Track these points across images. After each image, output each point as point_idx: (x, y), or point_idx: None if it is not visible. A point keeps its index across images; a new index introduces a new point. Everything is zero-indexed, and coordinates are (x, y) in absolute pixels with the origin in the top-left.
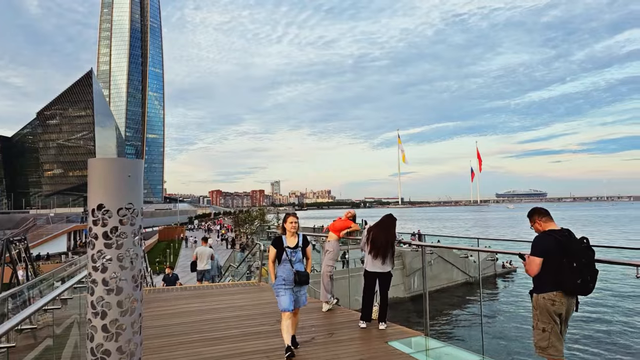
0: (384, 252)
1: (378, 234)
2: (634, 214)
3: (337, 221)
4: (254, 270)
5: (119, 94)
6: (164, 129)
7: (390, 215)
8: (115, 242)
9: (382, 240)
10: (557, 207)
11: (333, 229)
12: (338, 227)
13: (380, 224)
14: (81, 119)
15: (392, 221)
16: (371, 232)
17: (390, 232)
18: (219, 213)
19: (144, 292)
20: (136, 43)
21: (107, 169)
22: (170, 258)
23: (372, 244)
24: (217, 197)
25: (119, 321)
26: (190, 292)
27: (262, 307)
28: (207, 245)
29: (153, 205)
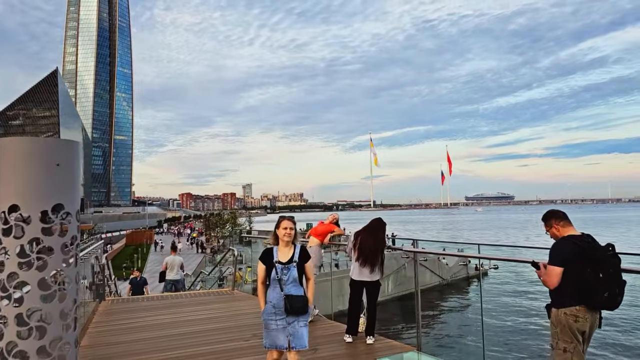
0: (373, 260)
1: (366, 240)
2: (615, 215)
3: (320, 225)
4: (227, 277)
5: (86, 94)
6: (132, 131)
7: (379, 220)
8: (36, 261)
9: (371, 246)
10: (525, 210)
11: (315, 234)
12: (320, 231)
13: (369, 229)
14: (46, 120)
15: (382, 225)
16: (359, 237)
17: (380, 237)
18: (189, 216)
19: (107, 302)
20: (104, 42)
21: (23, 154)
22: (138, 263)
23: (359, 250)
24: (187, 200)
25: None
26: (159, 302)
27: (237, 319)
28: (176, 254)
29: (121, 209)
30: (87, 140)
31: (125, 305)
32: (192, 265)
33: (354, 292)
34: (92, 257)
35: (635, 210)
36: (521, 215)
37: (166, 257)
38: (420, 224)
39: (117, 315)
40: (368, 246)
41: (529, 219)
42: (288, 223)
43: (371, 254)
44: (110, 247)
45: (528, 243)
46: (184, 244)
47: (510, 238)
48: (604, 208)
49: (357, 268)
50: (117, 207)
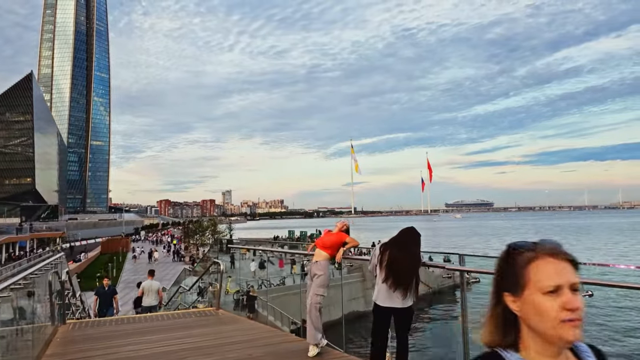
0: (406, 281)
1: (398, 256)
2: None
3: (327, 235)
4: (207, 289)
5: (62, 98)
6: (109, 136)
7: (412, 230)
8: None
9: (405, 264)
10: (504, 216)
11: (322, 245)
12: (330, 242)
13: (400, 241)
14: (19, 125)
15: (416, 237)
16: (387, 251)
17: (414, 252)
18: (168, 223)
19: (68, 327)
20: (81, 46)
21: None
22: (112, 272)
23: (389, 269)
24: (165, 207)
25: None
26: (130, 325)
27: (225, 349)
28: (153, 279)
29: (97, 216)
30: (62, 145)
31: (88, 331)
32: (170, 275)
33: (380, 322)
34: (49, 273)
35: (611, 217)
36: (500, 222)
37: (143, 281)
38: None
39: (76, 345)
40: (400, 264)
41: (508, 226)
42: None
43: (404, 274)
44: (85, 255)
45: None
46: (160, 252)
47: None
48: (578, 215)
49: (384, 291)
50: (92, 214)
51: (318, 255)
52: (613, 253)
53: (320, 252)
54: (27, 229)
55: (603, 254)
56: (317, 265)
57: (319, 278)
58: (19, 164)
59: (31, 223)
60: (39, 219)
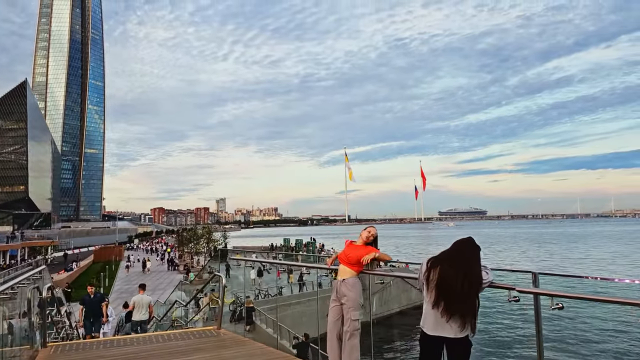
0: (462, 306)
1: (451, 273)
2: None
3: (351, 248)
4: (209, 310)
5: (56, 106)
6: (103, 144)
7: (470, 242)
8: None
9: (459, 283)
10: (498, 224)
11: (347, 261)
12: (356, 258)
13: (453, 256)
14: (13, 132)
15: (474, 251)
16: (437, 268)
17: (473, 270)
18: (162, 231)
19: (49, 350)
20: (76, 54)
21: None
22: (105, 281)
23: (438, 289)
24: (159, 215)
25: None
26: (121, 349)
27: None
28: (144, 293)
29: (90, 224)
30: (56, 153)
31: (72, 357)
32: (164, 284)
33: (428, 354)
34: (28, 289)
35: (604, 225)
36: (497, 230)
37: (134, 296)
38: (406, 239)
39: None
40: (454, 283)
41: (507, 234)
42: None
43: (460, 298)
44: (77, 264)
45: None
46: (155, 260)
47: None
48: (570, 223)
49: (432, 317)
50: (86, 222)
51: (343, 272)
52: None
53: (345, 269)
54: (19, 238)
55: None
56: (346, 285)
57: (350, 299)
58: (13, 172)
59: (22, 231)
60: (31, 227)
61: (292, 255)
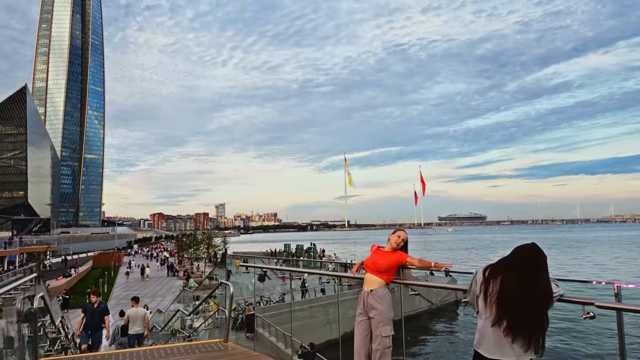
0: (529, 324)
1: (514, 284)
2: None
3: (379, 254)
4: (212, 320)
5: (56, 112)
6: (103, 150)
7: (535, 247)
8: None
9: (527, 296)
10: (498, 230)
11: (374, 268)
12: (386, 265)
13: (517, 263)
14: (13, 138)
15: (541, 259)
16: (497, 278)
17: (541, 279)
18: (161, 237)
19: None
20: (76, 60)
21: None
22: (104, 287)
23: (500, 305)
24: (159, 221)
25: None
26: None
27: None
28: (139, 306)
29: (89, 229)
30: (56, 158)
31: None
32: (163, 290)
33: None
34: (18, 300)
35: (613, 230)
36: (499, 235)
37: (128, 309)
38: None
39: None
40: (520, 298)
41: (502, 239)
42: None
43: (528, 314)
44: (75, 270)
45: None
46: (154, 266)
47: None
48: (570, 228)
49: (492, 337)
50: (85, 228)
51: (371, 281)
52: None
53: (373, 279)
54: (17, 243)
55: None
56: (374, 296)
57: (379, 313)
58: (12, 177)
59: (21, 237)
60: (30, 232)
61: (293, 261)
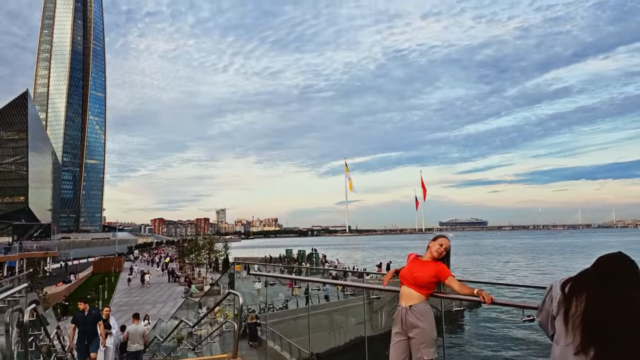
0: (624, 353)
1: (604, 302)
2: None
3: (418, 264)
4: (220, 332)
5: (57, 117)
6: (104, 155)
7: (622, 257)
8: None
9: (619, 317)
10: (500, 235)
11: (412, 281)
12: (425, 279)
13: (605, 277)
14: (14, 143)
15: (633, 271)
16: (582, 295)
17: (634, 297)
18: (162, 242)
19: None
20: (77, 65)
21: None
22: (104, 294)
23: (587, 326)
24: (159, 226)
25: None
26: None
27: None
28: (139, 322)
29: (90, 235)
30: (57, 164)
31: None
32: (164, 296)
33: None
34: (6, 313)
35: (610, 235)
36: (498, 241)
37: (128, 325)
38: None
39: None
40: (613, 319)
41: (504, 245)
42: None
43: (621, 339)
44: (75, 276)
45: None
46: (155, 272)
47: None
48: (571, 233)
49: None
50: (86, 233)
51: (409, 296)
52: None
53: (411, 293)
54: (17, 249)
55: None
56: (414, 313)
57: (421, 333)
58: (13, 183)
59: (21, 242)
60: (31, 238)
61: (297, 267)
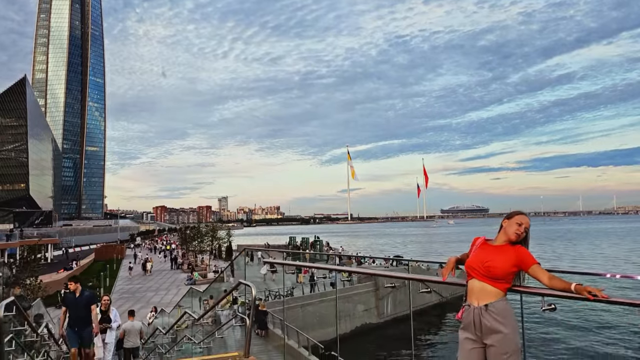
0: None
1: None
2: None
3: (489, 250)
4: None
5: (56, 103)
6: (104, 142)
7: None
8: None
9: None
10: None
11: (485, 273)
12: (501, 269)
13: None
14: (13, 130)
15: None
16: None
17: None
18: (164, 229)
19: None
20: (76, 51)
21: None
22: (106, 281)
23: None
24: (161, 213)
25: None
26: None
27: None
28: (134, 319)
29: (91, 222)
30: (57, 151)
31: None
32: (167, 283)
33: None
34: None
35: (612, 222)
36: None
37: (125, 323)
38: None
39: None
40: None
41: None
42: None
43: None
44: (77, 263)
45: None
46: (157, 259)
47: None
48: (572, 220)
49: None
50: (88, 220)
51: (482, 292)
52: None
53: (485, 288)
54: (17, 236)
55: None
56: (491, 314)
57: (504, 339)
58: (13, 170)
59: (21, 229)
60: (32, 225)
61: (301, 254)
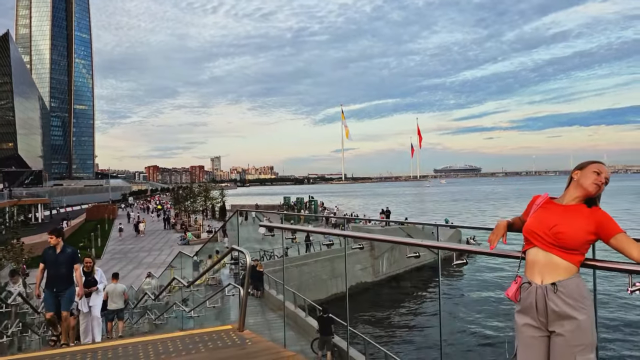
0: None
1: None
2: None
3: (551, 210)
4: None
5: (42, 60)
6: (93, 100)
7: None
8: None
9: None
10: (494, 181)
11: (552, 241)
12: (575, 235)
13: None
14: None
15: None
16: None
17: None
18: (156, 189)
19: None
20: (60, 4)
21: None
22: (97, 242)
23: None
24: (154, 173)
25: None
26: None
27: None
28: (118, 282)
29: (82, 182)
30: (45, 109)
31: None
32: (160, 244)
33: None
34: None
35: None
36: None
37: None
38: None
39: None
40: None
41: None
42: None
43: None
44: (67, 223)
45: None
46: (150, 219)
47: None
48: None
49: None
50: (79, 180)
51: (549, 266)
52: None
53: (552, 260)
54: (6, 195)
55: None
56: (562, 296)
57: (578, 329)
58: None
59: (10, 188)
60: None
61: (296, 216)
